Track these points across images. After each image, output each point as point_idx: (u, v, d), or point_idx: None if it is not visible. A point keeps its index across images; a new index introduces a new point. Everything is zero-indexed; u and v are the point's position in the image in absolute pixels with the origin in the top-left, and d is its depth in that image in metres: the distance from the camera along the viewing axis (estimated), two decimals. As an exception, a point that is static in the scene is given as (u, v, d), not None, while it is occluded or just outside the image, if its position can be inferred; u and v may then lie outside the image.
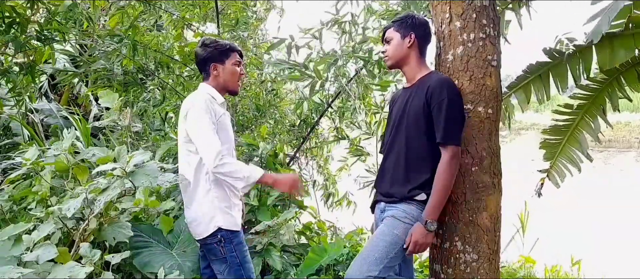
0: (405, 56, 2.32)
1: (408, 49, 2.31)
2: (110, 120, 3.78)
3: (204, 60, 2.33)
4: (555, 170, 4.36)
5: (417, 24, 2.33)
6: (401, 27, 2.32)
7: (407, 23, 2.32)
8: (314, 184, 5.25)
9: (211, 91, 2.32)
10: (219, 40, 2.43)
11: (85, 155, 2.72)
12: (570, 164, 4.26)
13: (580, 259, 4.96)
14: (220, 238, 2.21)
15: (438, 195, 2.15)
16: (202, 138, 2.15)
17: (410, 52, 2.31)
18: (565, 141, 4.19)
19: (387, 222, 2.24)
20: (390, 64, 2.38)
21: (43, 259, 1.96)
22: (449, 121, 2.14)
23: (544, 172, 4.44)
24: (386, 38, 2.37)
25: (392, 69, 2.48)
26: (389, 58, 2.35)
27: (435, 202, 2.15)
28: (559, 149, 4.25)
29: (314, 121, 4.72)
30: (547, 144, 4.32)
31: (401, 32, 2.32)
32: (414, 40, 2.30)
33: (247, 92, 4.60)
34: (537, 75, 3.89)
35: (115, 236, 2.35)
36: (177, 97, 4.07)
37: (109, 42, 3.50)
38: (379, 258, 2.15)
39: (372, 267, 2.13)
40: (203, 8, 4.44)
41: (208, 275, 2.41)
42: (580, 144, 4.14)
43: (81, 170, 2.63)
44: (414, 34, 2.31)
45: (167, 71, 3.96)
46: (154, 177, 2.13)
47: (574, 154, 4.21)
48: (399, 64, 2.36)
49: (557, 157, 4.28)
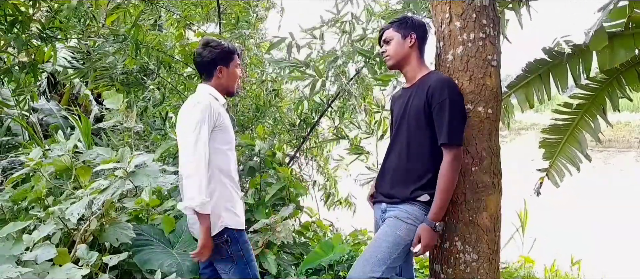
0: (407, 56, 2.32)
1: (409, 49, 2.31)
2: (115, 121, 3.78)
3: (210, 61, 2.30)
4: (555, 169, 4.35)
5: (416, 25, 2.34)
6: (401, 28, 2.32)
7: (407, 23, 2.33)
8: (314, 184, 5.25)
9: (213, 91, 2.30)
10: (223, 41, 2.41)
11: (89, 156, 2.72)
12: (569, 163, 4.26)
13: (580, 259, 4.96)
14: (227, 237, 2.20)
15: (442, 196, 2.14)
16: (194, 143, 2.09)
17: (411, 52, 2.32)
18: (564, 140, 4.19)
19: (390, 223, 2.24)
20: (392, 64, 2.38)
21: (42, 259, 1.96)
22: (450, 121, 2.13)
23: (543, 171, 4.44)
24: (385, 38, 2.37)
25: (392, 69, 2.48)
26: (391, 57, 2.35)
27: (439, 204, 2.15)
28: (558, 149, 4.24)
29: (314, 121, 4.72)
30: (547, 144, 4.32)
31: (401, 32, 2.32)
32: (415, 40, 2.31)
33: (247, 91, 4.60)
34: (537, 75, 3.89)
35: (118, 238, 2.35)
36: (178, 97, 4.07)
37: (112, 41, 3.50)
38: (382, 259, 2.15)
39: (376, 268, 2.13)
40: (205, 8, 4.44)
41: (207, 275, 2.40)
42: (579, 143, 4.13)
43: (84, 171, 2.62)
44: (415, 34, 2.31)
45: (169, 70, 3.95)
46: (154, 178, 2.13)
47: (573, 153, 4.21)
48: (400, 64, 2.36)
49: (557, 157, 4.28)
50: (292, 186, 3.63)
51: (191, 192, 2.04)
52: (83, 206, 2.10)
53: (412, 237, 2.19)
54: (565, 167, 4.29)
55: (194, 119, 2.14)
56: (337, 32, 4.22)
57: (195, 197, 2.03)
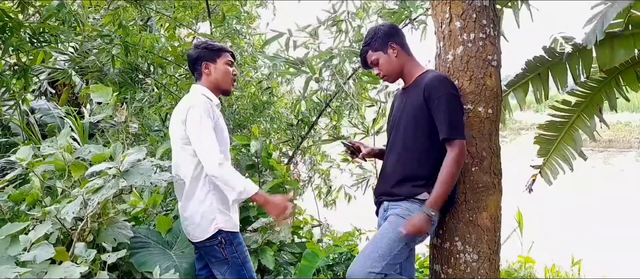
0: (399, 65, 2.32)
1: (397, 59, 2.31)
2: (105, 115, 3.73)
3: (195, 60, 2.33)
4: (549, 167, 4.31)
5: (388, 33, 2.32)
6: (378, 44, 2.31)
7: (380, 38, 2.31)
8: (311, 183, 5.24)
9: (206, 91, 2.30)
10: (210, 41, 2.43)
11: (82, 153, 2.70)
12: (563, 161, 4.22)
13: (581, 260, 4.96)
14: (221, 239, 2.20)
15: (442, 186, 2.13)
16: (203, 142, 2.13)
17: (400, 60, 2.31)
18: (560, 138, 4.16)
19: (390, 220, 2.24)
20: (391, 80, 2.40)
21: (40, 258, 1.95)
22: (450, 116, 2.13)
23: (536, 168, 4.39)
24: (371, 63, 2.36)
25: (394, 82, 2.48)
26: (387, 76, 2.36)
27: (438, 192, 2.13)
28: (553, 146, 4.21)
29: (311, 121, 4.71)
30: (542, 140, 4.28)
31: (381, 49, 2.31)
32: (397, 47, 2.30)
33: (243, 91, 4.59)
34: (536, 74, 3.88)
35: (116, 238, 2.34)
36: (172, 98, 4.05)
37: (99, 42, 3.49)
38: (382, 255, 2.14)
39: (375, 263, 2.13)
40: (194, 9, 4.43)
41: (204, 276, 2.41)
42: (575, 142, 4.10)
43: (77, 167, 2.61)
44: (393, 42, 2.30)
45: (160, 71, 3.94)
46: (148, 176, 2.11)
47: (567, 151, 4.17)
48: (398, 75, 2.36)
49: (551, 154, 4.25)
50: (288, 184, 3.62)
51: (232, 185, 2.11)
52: (77, 205, 2.09)
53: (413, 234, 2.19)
54: (559, 165, 4.25)
55: (196, 122, 2.15)
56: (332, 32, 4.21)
57: (239, 189, 2.11)
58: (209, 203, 2.19)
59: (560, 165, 4.25)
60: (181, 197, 2.28)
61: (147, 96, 4.02)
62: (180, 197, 2.29)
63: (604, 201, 10.52)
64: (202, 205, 2.20)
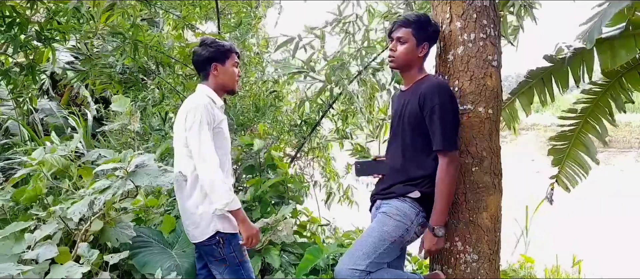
0: (413, 63, 2.28)
1: (418, 58, 2.27)
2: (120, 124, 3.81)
3: (205, 59, 2.31)
4: (564, 174, 4.38)
5: (433, 34, 2.29)
6: (418, 32, 2.24)
7: (426, 30, 2.26)
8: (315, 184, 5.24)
9: (210, 93, 2.30)
10: (219, 40, 2.42)
11: (91, 157, 2.72)
12: (578, 167, 4.28)
13: (581, 260, 4.97)
14: (219, 239, 2.22)
15: (441, 202, 2.14)
16: (198, 146, 2.13)
17: (417, 60, 2.28)
18: (571, 145, 4.22)
19: (378, 218, 2.25)
20: (396, 66, 2.32)
21: (43, 258, 1.96)
22: (443, 127, 2.12)
23: (553, 178, 4.45)
24: (399, 36, 2.26)
25: (395, 69, 2.46)
26: (398, 59, 2.27)
27: (440, 209, 2.15)
28: (565, 154, 4.27)
29: (315, 122, 4.71)
30: (555, 150, 4.35)
31: (417, 38, 2.24)
32: (426, 50, 2.28)
33: (247, 91, 4.59)
34: (539, 78, 3.91)
35: (118, 238, 2.35)
36: (178, 97, 4.06)
37: (111, 40, 3.49)
38: (367, 253, 2.15)
39: (359, 261, 2.13)
40: (203, 8, 4.43)
41: (204, 276, 2.42)
42: (586, 147, 4.17)
43: (86, 171, 2.63)
44: (428, 45, 2.27)
45: (168, 70, 3.95)
46: (154, 177, 2.13)
47: (581, 158, 4.24)
48: (403, 68, 2.31)
49: (565, 162, 4.31)
50: (290, 182, 3.62)
51: (221, 194, 2.11)
52: (85, 205, 2.11)
53: (400, 233, 2.19)
54: (575, 171, 4.32)
55: (195, 126, 2.15)
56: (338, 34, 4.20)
57: (226, 201, 2.12)
58: (208, 204, 2.19)
59: (575, 171, 4.32)
60: (181, 197, 2.29)
61: (151, 95, 4.03)
62: (180, 197, 2.30)
63: (604, 201, 10.53)
64: (201, 206, 2.21)
